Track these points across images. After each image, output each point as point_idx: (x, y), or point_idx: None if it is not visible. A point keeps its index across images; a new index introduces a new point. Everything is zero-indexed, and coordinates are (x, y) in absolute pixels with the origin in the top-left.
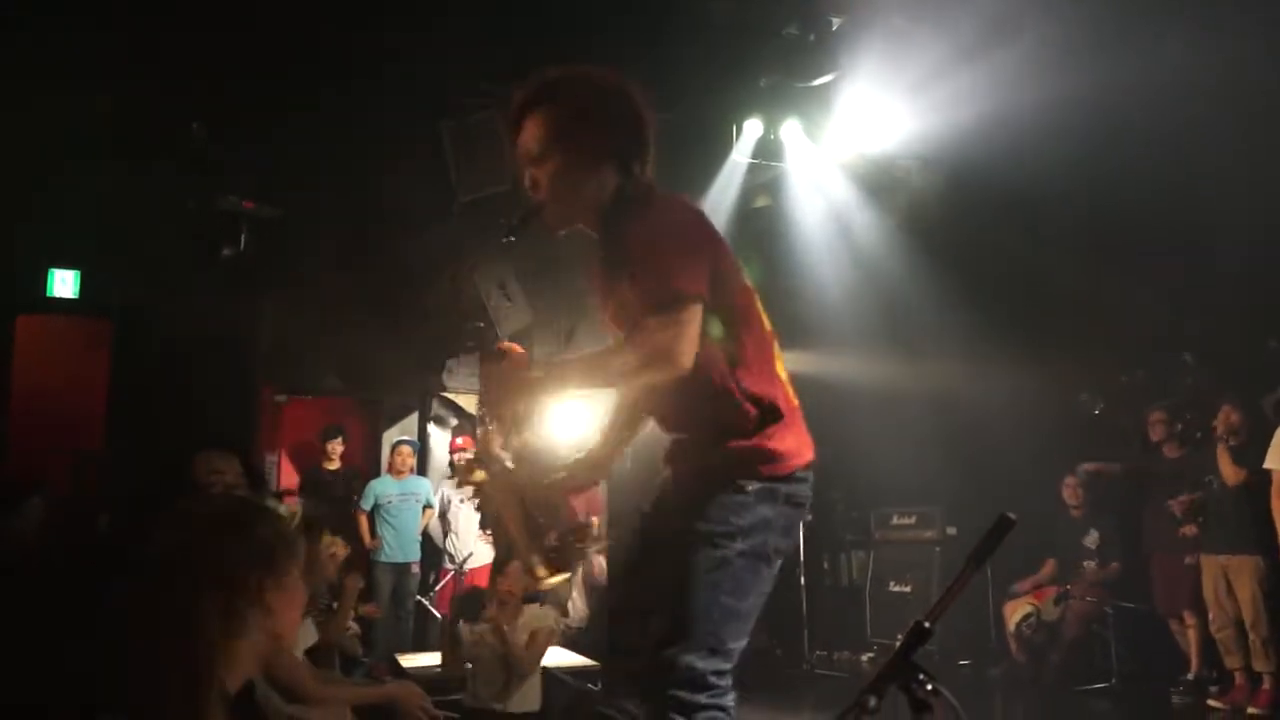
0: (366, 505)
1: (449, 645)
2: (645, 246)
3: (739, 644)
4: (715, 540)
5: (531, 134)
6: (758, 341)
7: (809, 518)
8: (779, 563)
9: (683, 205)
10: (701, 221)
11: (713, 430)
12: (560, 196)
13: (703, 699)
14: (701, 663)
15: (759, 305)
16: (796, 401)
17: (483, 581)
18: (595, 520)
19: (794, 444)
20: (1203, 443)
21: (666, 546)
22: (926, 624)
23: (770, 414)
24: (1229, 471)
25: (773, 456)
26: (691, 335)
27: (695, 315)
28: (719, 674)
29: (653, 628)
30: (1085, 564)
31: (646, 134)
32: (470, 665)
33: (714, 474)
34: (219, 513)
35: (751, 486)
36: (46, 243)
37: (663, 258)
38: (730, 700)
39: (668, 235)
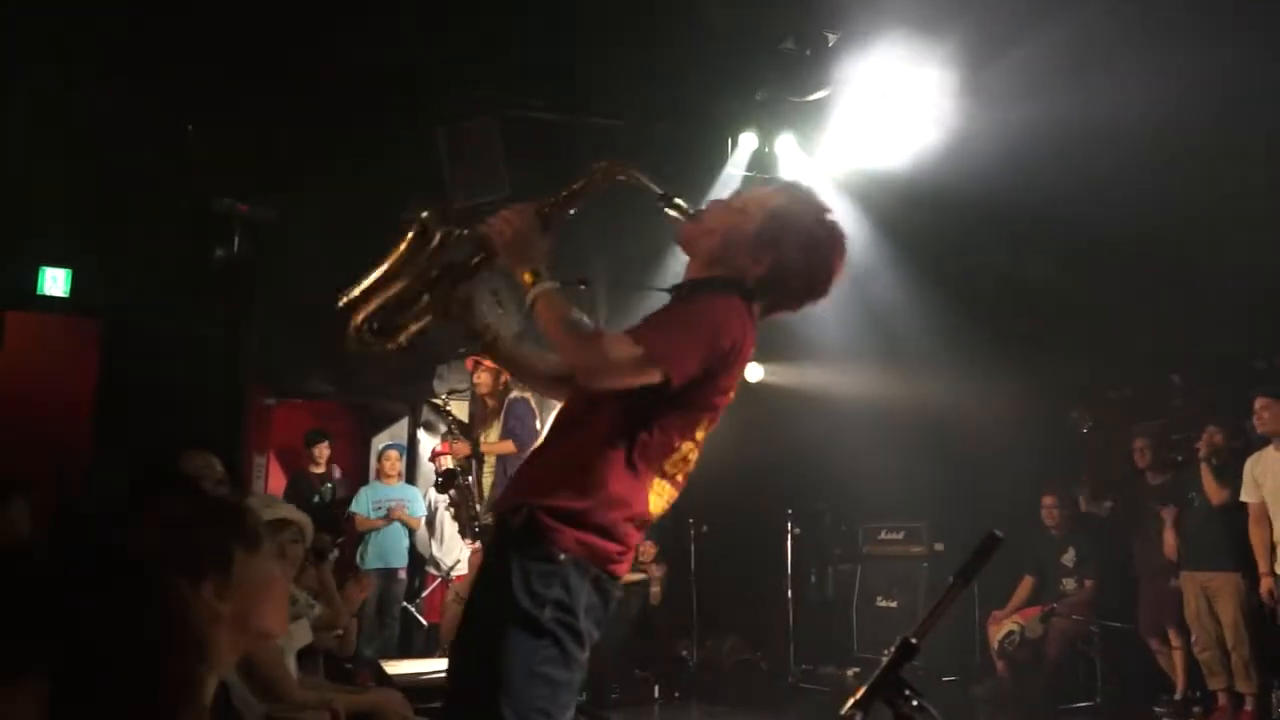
0: (358, 509)
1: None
2: (684, 311)
3: (565, 716)
4: (523, 608)
5: (752, 206)
6: (660, 457)
7: (797, 531)
8: (584, 654)
9: (740, 321)
10: (737, 344)
11: (566, 480)
12: (706, 253)
13: None
14: None
15: (703, 432)
16: (640, 531)
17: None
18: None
19: (621, 546)
20: (1184, 464)
21: (479, 614)
22: (913, 640)
23: (620, 504)
24: (1212, 490)
25: (599, 541)
26: (627, 380)
27: (648, 376)
28: None
29: (470, 704)
30: (1064, 581)
31: (817, 292)
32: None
33: (532, 533)
34: (161, 509)
35: (562, 556)
36: (38, 240)
37: (682, 328)
38: None
39: (705, 321)
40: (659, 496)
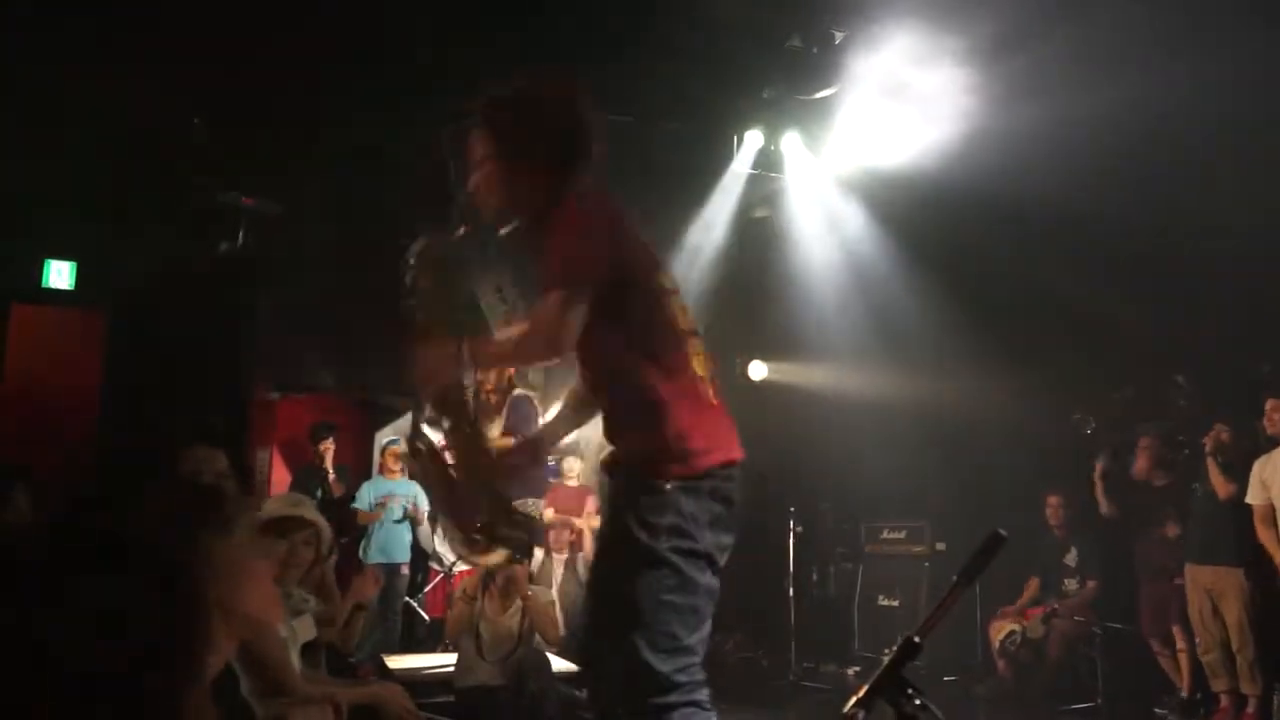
0: (360, 504)
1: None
2: (550, 243)
3: (697, 638)
4: (642, 541)
5: (477, 142)
6: (666, 338)
7: (799, 529)
8: (721, 560)
9: (592, 200)
10: (603, 215)
11: (627, 428)
12: (495, 198)
13: (673, 698)
14: (662, 665)
15: (674, 303)
16: (717, 400)
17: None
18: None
19: (706, 442)
20: (1188, 458)
21: (605, 554)
22: (917, 639)
23: (676, 410)
24: (1219, 484)
25: (683, 455)
26: (567, 320)
27: (573, 301)
28: (683, 670)
29: (609, 637)
30: (1066, 582)
31: (584, 142)
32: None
33: (632, 474)
34: (143, 496)
35: (667, 485)
36: (43, 233)
37: (555, 250)
38: (703, 695)
39: (566, 229)
40: (698, 358)
